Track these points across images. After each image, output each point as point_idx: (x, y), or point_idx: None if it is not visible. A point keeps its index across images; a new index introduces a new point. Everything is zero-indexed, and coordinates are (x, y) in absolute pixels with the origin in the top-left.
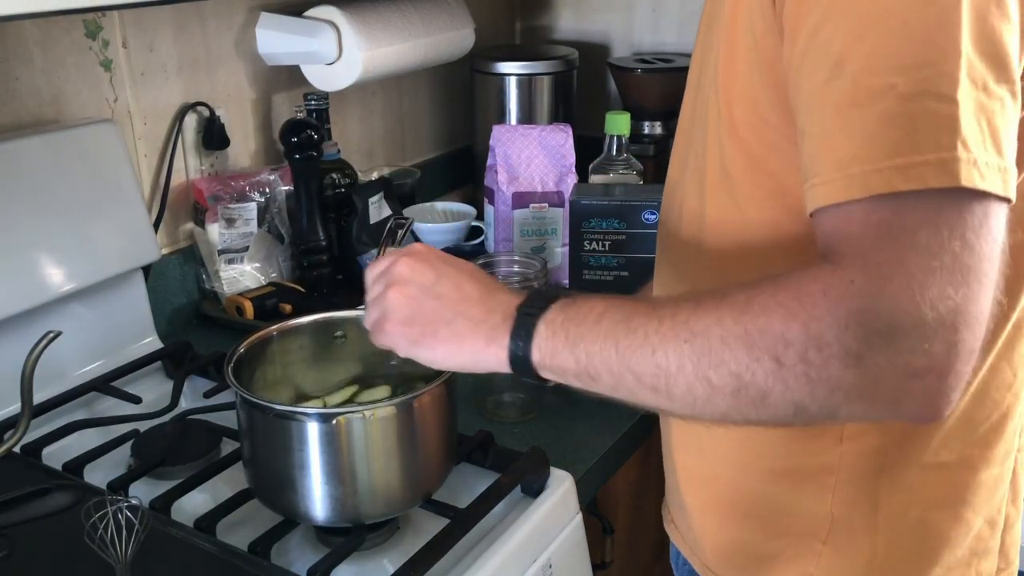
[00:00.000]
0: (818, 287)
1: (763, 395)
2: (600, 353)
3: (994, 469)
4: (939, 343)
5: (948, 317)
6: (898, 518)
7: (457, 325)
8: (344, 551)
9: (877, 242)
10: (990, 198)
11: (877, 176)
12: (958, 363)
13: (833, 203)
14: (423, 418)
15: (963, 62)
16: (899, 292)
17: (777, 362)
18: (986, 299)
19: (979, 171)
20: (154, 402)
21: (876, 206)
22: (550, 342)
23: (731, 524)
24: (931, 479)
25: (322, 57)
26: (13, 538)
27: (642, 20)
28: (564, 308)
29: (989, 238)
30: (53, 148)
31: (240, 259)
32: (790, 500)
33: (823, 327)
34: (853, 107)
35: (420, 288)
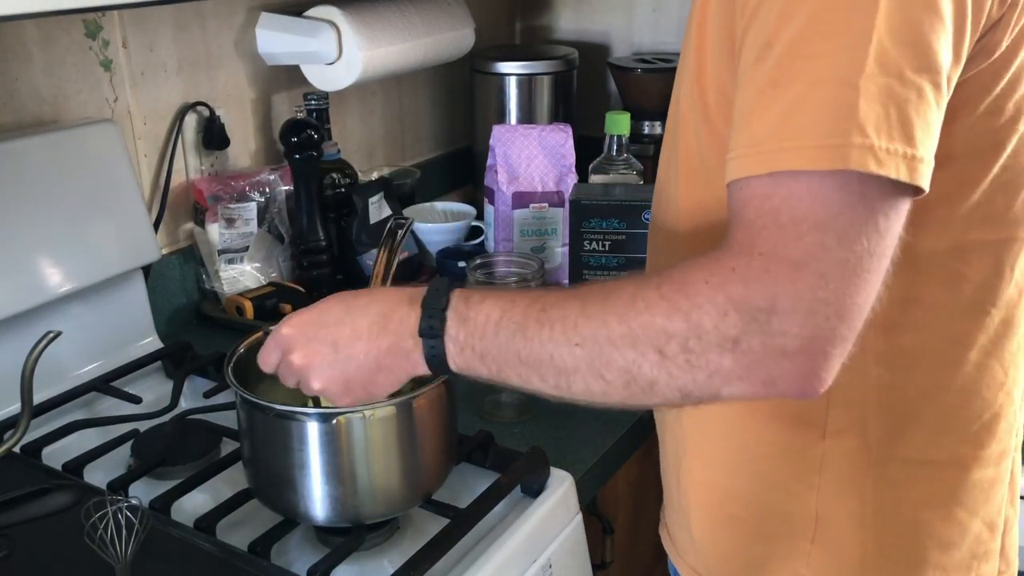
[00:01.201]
0: (701, 276)
1: (651, 384)
2: (506, 363)
3: (988, 470)
4: (811, 328)
5: (819, 306)
6: (887, 516)
7: (381, 366)
8: (344, 551)
9: (764, 229)
10: (888, 186)
11: (777, 155)
12: (827, 346)
13: (741, 176)
14: (423, 418)
15: (872, 48)
16: (776, 279)
17: (661, 354)
18: (864, 292)
19: (875, 157)
20: (154, 402)
21: (774, 185)
22: (460, 358)
23: (721, 529)
24: (920, 476)
25: (322, 57)
26: (13, 538)
27: (642, 20)
28: (462, 322)
29: (876, 233)
30: (53, 148)
31: (240, 259)
32: (776, 501)
33: (702, 315)
34: (772, 87)
35: (332, 365)
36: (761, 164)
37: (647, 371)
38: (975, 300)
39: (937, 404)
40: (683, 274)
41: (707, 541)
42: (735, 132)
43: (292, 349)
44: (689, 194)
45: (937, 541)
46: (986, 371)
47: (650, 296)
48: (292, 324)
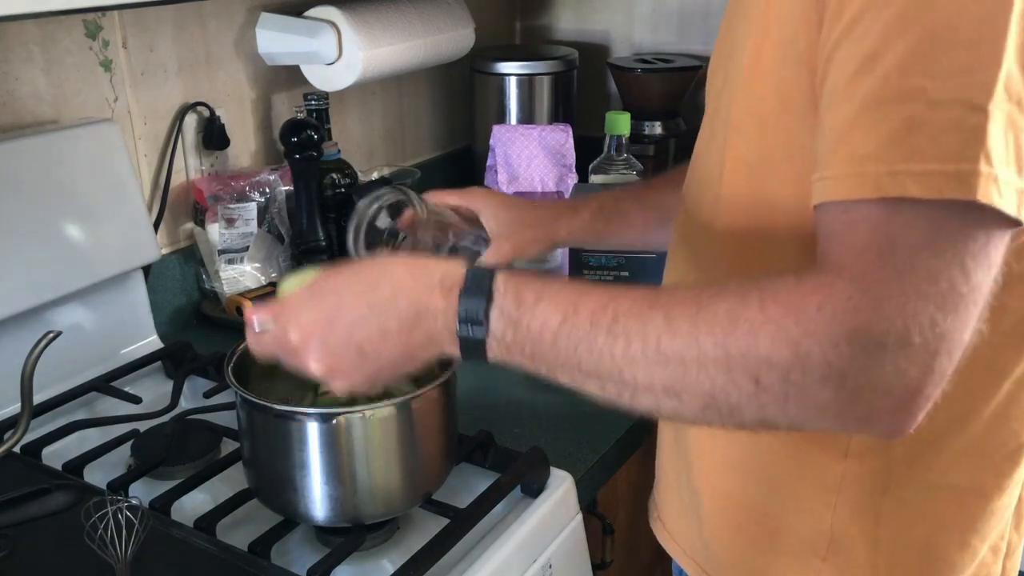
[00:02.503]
0: (814, 302)
1: (732, 410)
2: (562, 369)
3: (1004, 497)
4: (919, 366)
5: (933, 343)
6: (902, 539)
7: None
8: (344, 551)
9: (879, 258)
10: (997, 220)
11: (891, 179)
12: (930, 387)
13: (840, 199)
14: (423, 418)
15: (1002, 73)
16: (893, 314)
17: (756, 383)
18: (970, 328)
19: (998, 188)
20: (154, 402)
21: (883, 212)
22: (505, 355)
23: (734, 537)
24: (940, 501)
25: (322, 57)
26: (13, 538)
27: (642, 20)
28: (513, 326)
29: (986, 266)
30: (53, 148)
31: (240, 259)
32: (789, 514)
33: (812, 345)
34: (879, 105)
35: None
36: (868, 187)
37: (734, 398)
38: (1015, 331)
39: (964, 431)
40: (793, 297)
41: (717, 546)
42: (828, 150)
43: (307, 357)
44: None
45: (949, 566)
46: (1016, 402)
47: (753, 318)
48: (302, 328)
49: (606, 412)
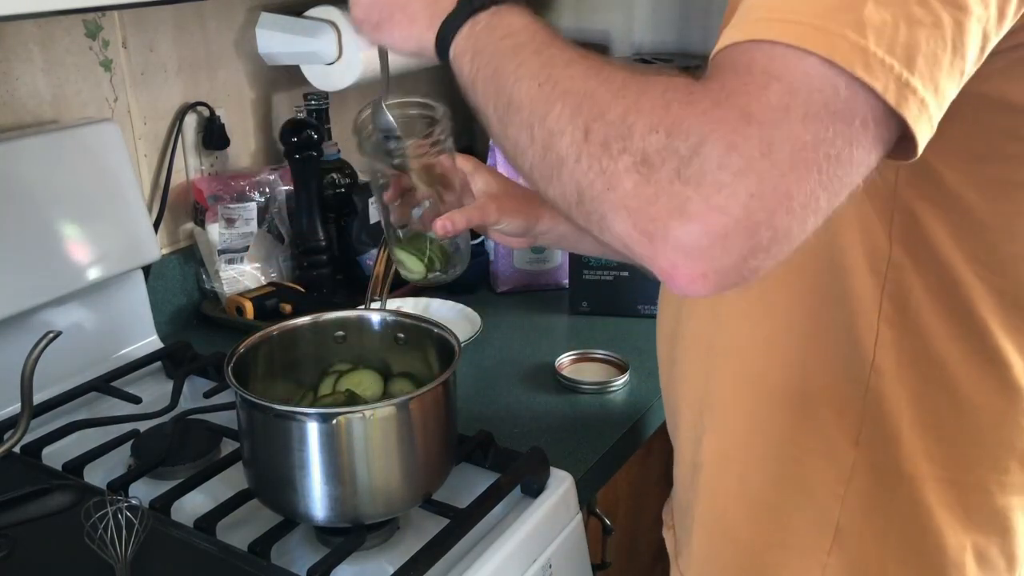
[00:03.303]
0: (663, 85)
1: (560, 163)
2: (484, 69)
3: (1012, 498)
4: (726, 196)
5: (751, 176)
6: (911, 535)
7: (411, 7)
8: (344, 551)
9: (732, 70)
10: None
11: (766, 24)
12: (735, 232)
13: (724, 44)
14: (423, 418)
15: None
16: (719, 120)
17: (585, 134)
18: (806, 191)
19: (864, 60)
20: (154, 402)
21: (755, 48)
22: (464, 43)
23: (738, 529)
24: (945, 499)
25: (322, 57)
26: (13, 538)
27: (642, 20)
28: (495, 14)
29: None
30: (53, 148)
31: (240, 259)
32: (798, 506)
33: (638, 119)
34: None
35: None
36: (747, 32)
37: (564, 145)
38: (1016, 318)
39: (971, 425)
40: (656, 77)
41: (711, 547)
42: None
43: None
44: None
45: (958, 568)
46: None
47: (617, 74)
48: None
49: (606, 412)
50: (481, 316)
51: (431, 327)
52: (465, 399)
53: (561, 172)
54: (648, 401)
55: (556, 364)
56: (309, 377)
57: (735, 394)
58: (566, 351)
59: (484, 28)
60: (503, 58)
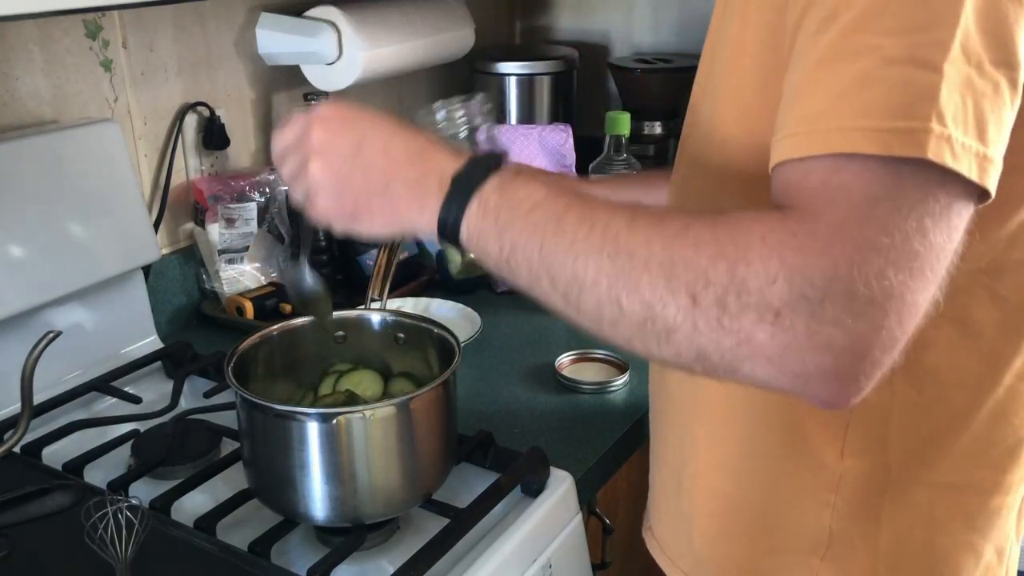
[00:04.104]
0: (759, 230)
1: (669, 331)
2: (524, 247)
3: (1008, 496)
4: (864, 322)
5: (881, 298)
6: (902, 539)
7: (391, 192)
8: (344, 551)
9: (831, 203)
10: (958, 184)
11: (840, 135)
12: (876, 349)
13: (793, 157)
14: (423, 418)
15: (959, 32)
16: (839, 257)
17: (692, 299)
18: (926, 293)
19: (951, 149)
20: (154, 402)
21: (837, 166)
22: (480, 223)
23: (726, 539)
24: (939, 500)
25: (322, 57)
26: (13, 538)
27: (642, 20)
28: (502, 187)
29: (946, 230)
30: (53, 148)
31: (240, 259)
32: (787, 515)
33: (749, 273)
34: (833, 62)
35: (343, 158)
36: (818, 144)
37: (671, 314)
38: (1012, 322)
39: (964, 427)
40: (740, 222)
41: (710, 550)
42: (785, 109)
43: (318, 126)
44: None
45: (951, 568)
46: (1017, 396)
47: (702, 232)
48: (335, 106)
49: (606, 412)
50: (481, 316)
51: (431, 327)
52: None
53: (673, 337)
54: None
55: (556, 364)
56: (309, 377)
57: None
58: (566, 351)
59: (500, 204)
60: (544, 234)
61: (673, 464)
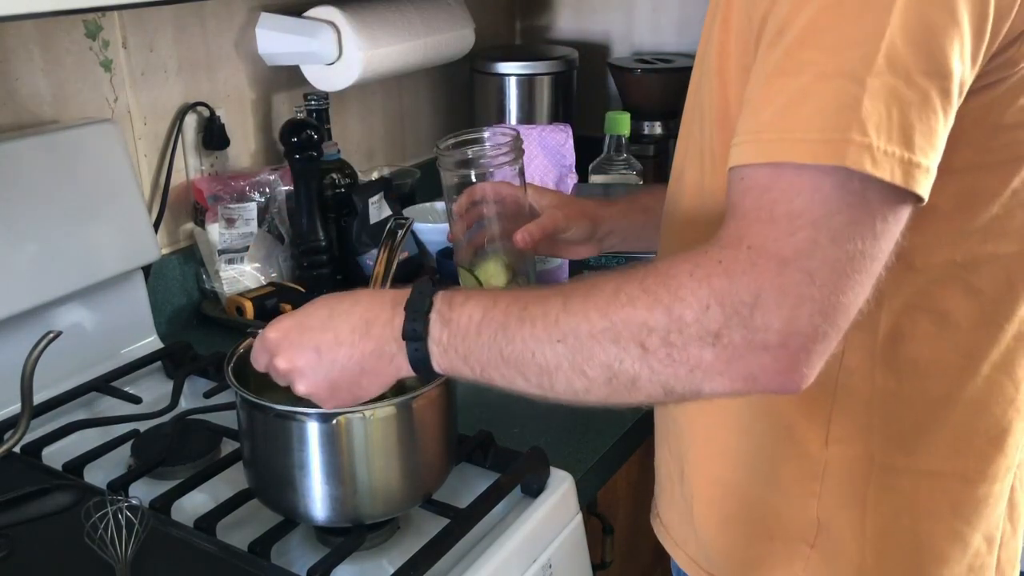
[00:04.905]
0: (686, 268)
1: (632, 380)
2: (489, 363)
3: (994, 485)
4: (792, 323)
5: (805, 303)
6: (888, 526)
7: (368, 370)
8: (344, 551)
9: (757, 222)
10: (882, 189)
11: (777, 145)
12: (809, 342)
13: (741, 163)
14: (423, 418)
15: (883, 46)
16: (762, 273)
17: (643, 348)
18: (852, 292)
19: (871, 156)
20: (154, 402)
21: (775, 176)
22: (444, 361)
23: (725, 525)
24: (923, 489)
25: (322, 57)
26: (13, 538)
27: (642, 20)
28: (445, 324)
29: (871, 235)
30: (53, 148)
31: (240, 259)
32: (778, 503)
33: (684, 308)
34: (779, 76)
35: (315, 370)
36: (761, 152)
37: (628, 366)
38: (988, 314)
39: (945, 417)
40: (668, 267)
41: (710, 535)
42: (742, 119)
43: (277, 353)
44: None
45: (937, 555)
46: (996, 386)
47: (632, 290)
48: (276, 329)
49: (606, 412)
50: None
51: None
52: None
53: (638, 384)
54: None
55: None
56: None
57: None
58: None
59: (451, 339)
60: (499, 346)
61: (675, 451)
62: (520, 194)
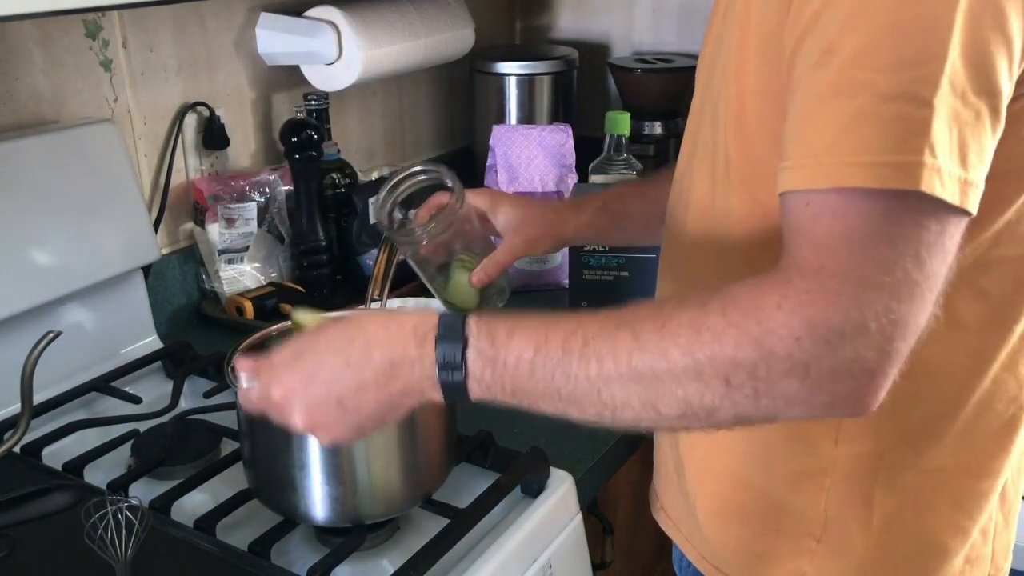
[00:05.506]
0: (772, 300)
1: (709, 413)
2: (543, 399)
3: (996, 480)
4: (876, 350)
5: (888, 328)
6: (893, 521)
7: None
8: (344, 551)
9: (835, 252)
10: (947, 209)
11: (840, 169)
12: (889, 367)
13: (799, 188)
14: (423, 418)
15: (947, 67)
16: (849, 304)
17: (727, 384)
18: (924, 313)
19: (940, 179)
20: (154, 402)
21: (840, 202)
22: (487, 393)
23: (730, 519)
24: (928, 484)
25: (322, 57)
26: (13, 538)
27: (642, 20)
28: (489, 364)
29: (940, 255)
30: (53, 148)
31: (240, 259)
32: (785, 498)
33: (774, 341)
34: (834, 97)
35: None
36: (821, 177)
37: (708, 401)
38: (996, 316)
39: (952, 416)
40: (751, 298)
41: (713, 529)
42: (790, 140)
43: (290, 413)
44: (724, 196)
45: (939, 548)
46: (1002, 385)
47: (715, 324)
48: (283, 386)
49: None
50: None
51: None
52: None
53: (715, 416)
54: None
55: None
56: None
57: None
58: None
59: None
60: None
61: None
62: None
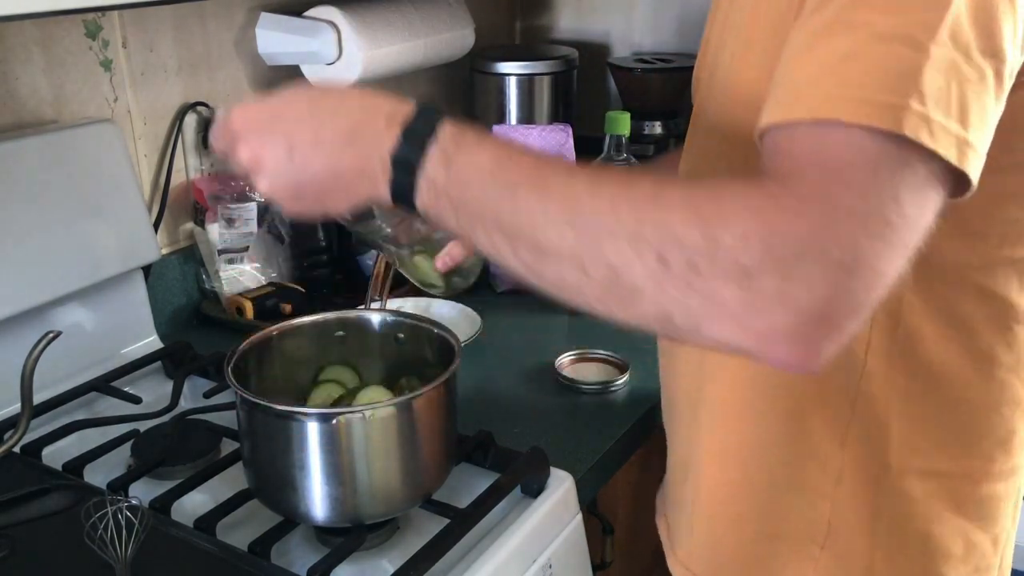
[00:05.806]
0: (737, 192)
1: (633, 292)
2: (481, 222)
3: (998, 485)
4: (831, 284)
5: (851, 262)
6: (897, 526)
7: (341, 181)
8: (344, 551)
9: (812, 167)
10: (936, 164)
11: (825, 102)
12: (840, 313)
13: (782, 120)
14: (423, 418)
15: (949, 17)
16: (815, 219)
17: (662, 262)
18: (894, 263)
19: (929, 128)
20: (154, 402)
21: (821, 131)
22: (432, 201)
23: (730, 524)
24: (930, 488)
25: (322, 57)
26: (13, 538)
27: (642, 20)
28: (446, 164)
29: (920, 204)
30: (53, 148)
31: (240, 259)
32: (789, 503)
33: (723, 233)
34: (826, 36)
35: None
36: (803, 108)
37: (637, 275)
38: (1001, 317)
39: (957, 419)
40: (718, 185)
41: (711, 534)
42: (778, 78)
43: (241, 140)
44: None
45: (944, 555)
46: (1006, 387)
47: (673, 196)
48: (245, 113)
49: (606, 412)
50: (481, 316)
51: (431, 327)
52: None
53: (638, 300)
54: (648, 401)
55: (556, 364)
56: (309, 377)
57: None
58: (566, 351)
59: (448, 183)
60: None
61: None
62: None
